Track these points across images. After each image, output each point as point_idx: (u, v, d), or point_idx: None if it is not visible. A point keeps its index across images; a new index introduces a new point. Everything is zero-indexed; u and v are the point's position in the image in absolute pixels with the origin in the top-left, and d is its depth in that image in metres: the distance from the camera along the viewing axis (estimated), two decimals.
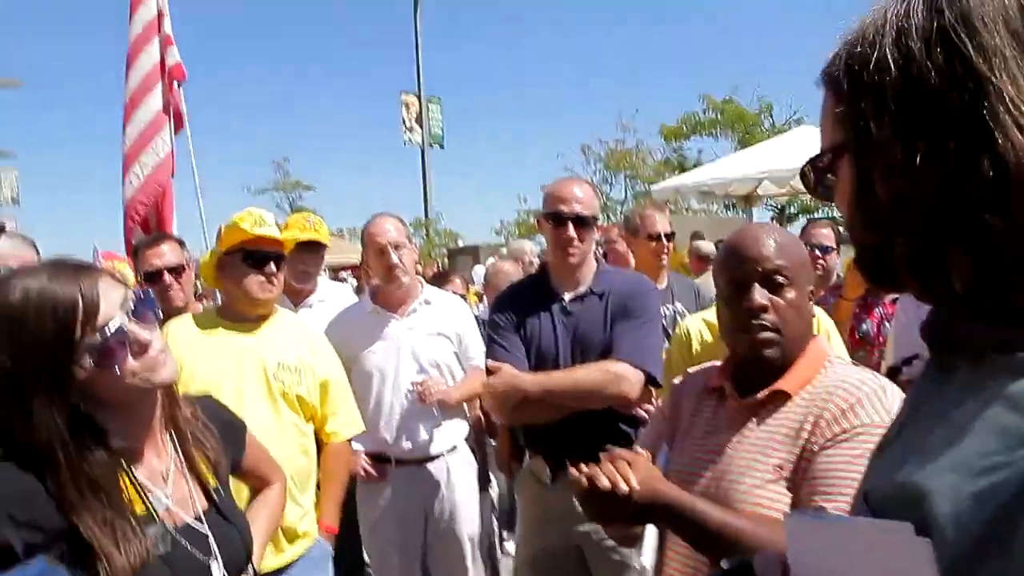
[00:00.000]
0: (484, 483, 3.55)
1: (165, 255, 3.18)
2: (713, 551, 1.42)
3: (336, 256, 15.55)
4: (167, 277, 3.13)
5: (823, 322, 2.79)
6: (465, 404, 3.39)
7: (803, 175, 0.82)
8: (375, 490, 3.12)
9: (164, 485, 1.43)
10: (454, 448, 3.21)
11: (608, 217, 22.52)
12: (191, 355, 2.44)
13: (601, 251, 4.14)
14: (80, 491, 1.25)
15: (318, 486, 2.65)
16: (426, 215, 24.94)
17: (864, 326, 3.43)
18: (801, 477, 1.45)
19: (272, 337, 2.56)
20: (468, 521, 3.20)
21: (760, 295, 1.54)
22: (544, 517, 2.60)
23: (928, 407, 0.72)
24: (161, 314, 1.41)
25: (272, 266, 2.50)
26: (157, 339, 1.36)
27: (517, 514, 2.91)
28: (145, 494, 1.38)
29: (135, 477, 1.38)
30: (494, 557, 3.84)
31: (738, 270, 1.58)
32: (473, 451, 3.39)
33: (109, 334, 1.27)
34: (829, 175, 0.78)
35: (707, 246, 6.86)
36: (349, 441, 2.76)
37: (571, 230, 2.56)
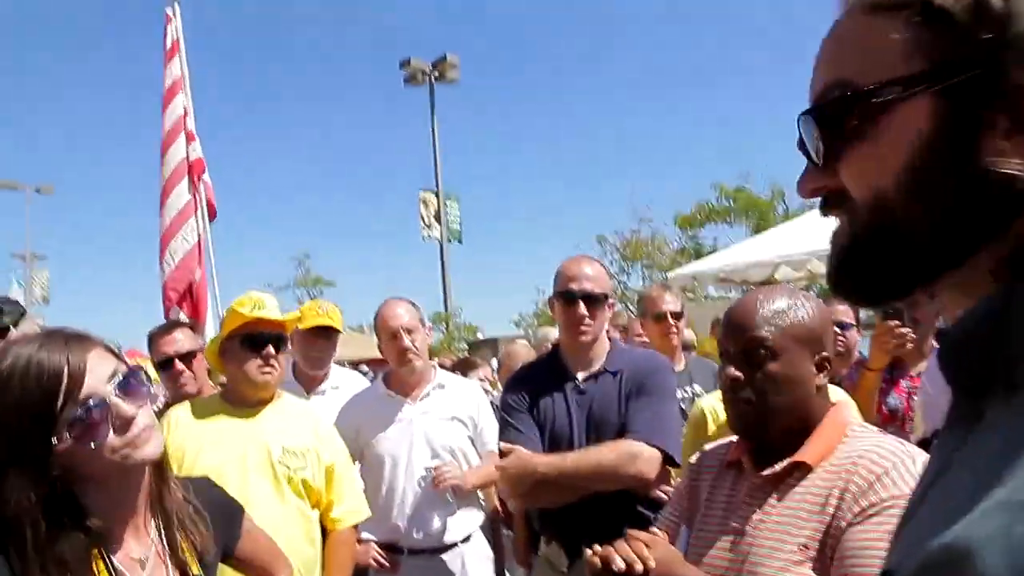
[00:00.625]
0: None
1: (176, 342, 3.20)
2: None
3: (356, 350, 15.59)
4: (178, 364, 3.15)
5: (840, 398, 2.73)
6: (481, 493, 3.29)
7: (821, 113, 0.65)
8: None
9: (140, 572, 1.36)
10: (469, 537, 3.10)
11: (626, 307, 22.55)
12: (194, 441, 2.42)
13: None
14: (46, 573, 1.19)
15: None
16: (446, 309, 25.12)
17: (892, 400, 3.33)
18: (830, 556, 1.37)
19: (276, 421, 2.53)
20: None
21: (731, 369, 1.54)
22: None
23: (955, 463, 0.61)
24: (150, 390, 1.39)
25: (271, 348, 2.49)
26: (144, 415, 1.32)
27: None
28: None
29: (110, 561, 1.31)
30: None
31: (721, 342, 1.59)
32: (490, 542, 3.27)
33: (91, 407, 1.24)
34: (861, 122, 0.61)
35: (688, 333, 6.89)
36: (355, 528, 2.68)
37: (582, 308, 2.53)
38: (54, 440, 1.21)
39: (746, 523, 1.50)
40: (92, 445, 1.24)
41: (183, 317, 4.60)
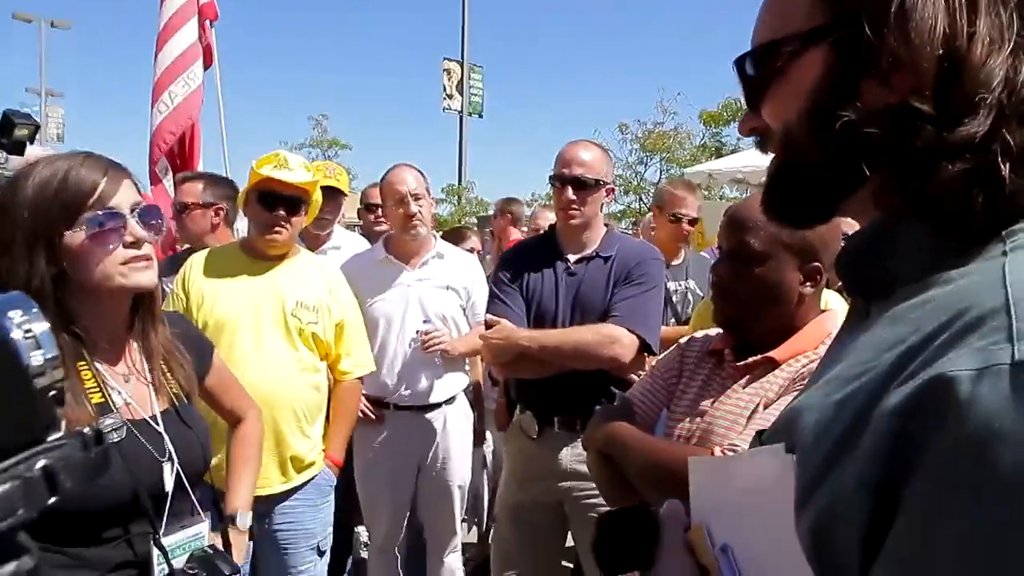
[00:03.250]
0: (479, 439, 3.61)
1: (196, 192, 3.32)
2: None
3: None
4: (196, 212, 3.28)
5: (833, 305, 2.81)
6: (468, 362, 3.44)
7: (745, 64, 0.75)
8: (371, 433, 3.18)
9: (123, 383, 1.47)
10: (452, 399, 3.26)
11: (639, 198, 22.36)
12: (212, 287, 2.51)
13: None
14: None
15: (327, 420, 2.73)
16: (460, 182, 24.92)
17: None
18: None
19: (292, 275, 2.61)
20: (459, 471, 3.26)
21: (719, 266, 1.63)
22: (528, 471, 2.64)
23: (844, 346, 0.71)
24: (164, 229, 1.50)
25: (282, 211, 2.52)
26: (149, 247, 1.43)
27: (502, 467, 2.96)
28: (104, 385, 1.42)
29: (96, 367, 1.42)
30: (480, 510, 3.91)
31: (719, 237, 1.68)
32: (471, 405, 3.45)
33: (113, 215, 1.36)
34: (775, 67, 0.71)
35: None
36: (361, 380, 2.83)
37: (570, 192, 2.58)
38: (71, 233, 1.33)
39: (711, 406, 1.61)
40: (105, 250, 1.36)
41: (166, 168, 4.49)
